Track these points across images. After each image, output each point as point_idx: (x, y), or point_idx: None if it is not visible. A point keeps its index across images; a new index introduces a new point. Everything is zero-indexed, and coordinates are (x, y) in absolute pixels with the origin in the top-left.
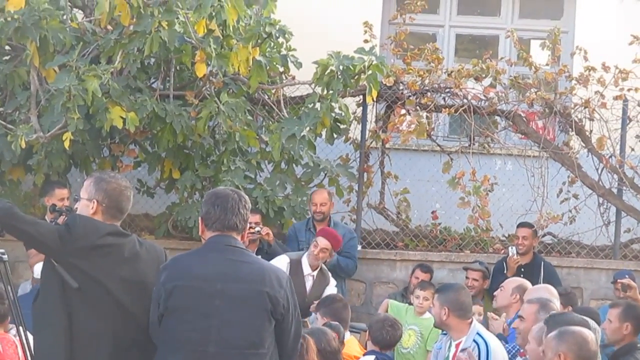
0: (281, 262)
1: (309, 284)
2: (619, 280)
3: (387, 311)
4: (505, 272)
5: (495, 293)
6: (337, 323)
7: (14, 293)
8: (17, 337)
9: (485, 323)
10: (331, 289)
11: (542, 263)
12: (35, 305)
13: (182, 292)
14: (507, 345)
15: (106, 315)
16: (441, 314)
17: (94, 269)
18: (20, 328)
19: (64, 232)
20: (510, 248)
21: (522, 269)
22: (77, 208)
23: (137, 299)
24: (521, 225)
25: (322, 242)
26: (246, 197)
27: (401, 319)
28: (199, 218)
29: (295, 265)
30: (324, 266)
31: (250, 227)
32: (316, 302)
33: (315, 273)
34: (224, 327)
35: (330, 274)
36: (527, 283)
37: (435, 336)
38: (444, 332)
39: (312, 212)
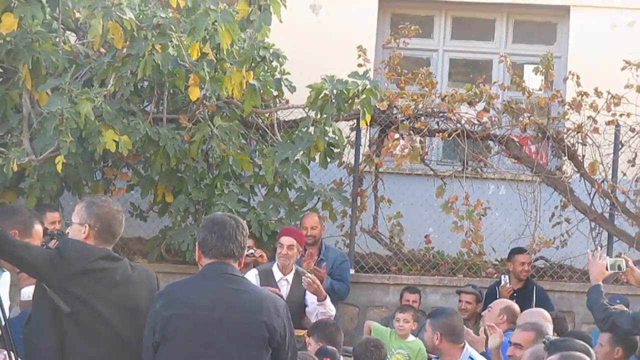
0: (250, 276)
1: (284, 289)
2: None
3: (370, 334)
4: (498, 298)
5: (482, 313)
6: (333, 348)
7: (6, 318)
8: None
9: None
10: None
11: (535, 288)
12: (26, 330)
13: (180, 322)
14: None
15: (98, 339)
16: (434, 339)
17: (85, 294)
18: (12, 353)
19: (55, 257)
20: (502, 277)
21: (515, 294)
22: (69, 232)
23: (130, 323)
24: (520, 251)
25: (286, 240)
26: (244, 223)
27: (386, 343)
28: (196, 244)
29: (265, 275)
30: (300, 268)
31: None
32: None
33: (289, 277)
34: (221, 357)
35: (305, 272)
36: (515, 305)
37: (423, 357)
38: (436, 357)
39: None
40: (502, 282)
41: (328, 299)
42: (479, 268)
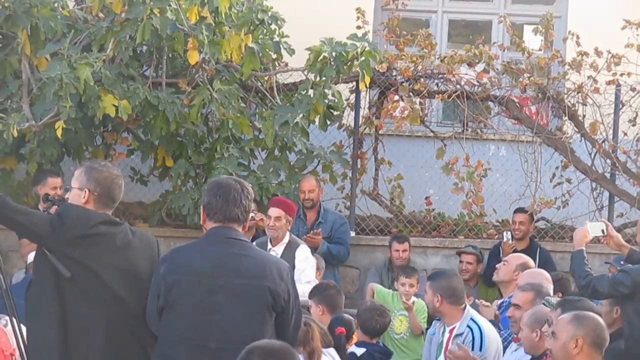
0: None
1: None
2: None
3: (373, 297)
4: (500, 257)
5: (497, 265)
6: (349, 317)
7: (6, 283)
8: (8, 327)
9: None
10: (301, 251)
11: (538, 249)
12: (27, 295)
13: (183, 287)
14: (501, 332)
15: (99, 304)
16: (434, 301)
17: (86, 258)
18: (14, 319)
19: (56, 222)
20: (504, 233)
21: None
22: (68, 197)
23: (131, 287)
24: (517, 210)
25: (272, 211)
26: (249, 187)
27: (389, 305)
28: (201, 207)
29: (261, 247)
30: (296, 239)
31: None
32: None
33: (278, 249)
34: (225, 323)
35: (300, 243)
36: (531, 262)
37: (423, 316)
38: (437, 317)
39: (301, 200)
40: (505, 239)
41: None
42: (480, 229)
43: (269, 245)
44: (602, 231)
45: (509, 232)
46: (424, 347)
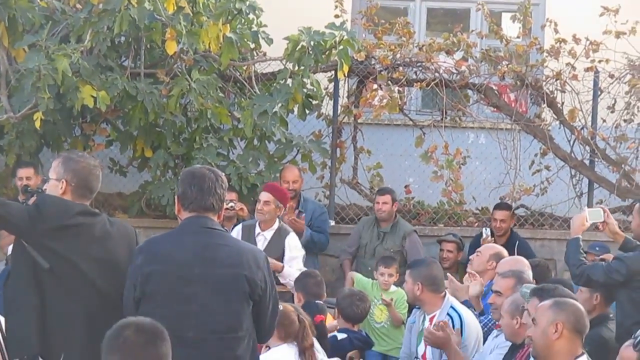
0: (236, 231)
1: (260, 244)
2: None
3: (352, 285)
4: None
5: (471, 257)
6: (321, 303)
7: None
8: None
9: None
10: (291, 240)
11: (517, 242)
12: (6, 287)
13: (160, 277)
14: (482, 319)
15: (79, 295)
16: (414, 290)
17: (64, 249)
18: None
19: (33, 213)
20: (484, 229)
21: None
22: (46, 189)
23: (110, 278)
24: (498, 207)
25: (262, 195)
26: (223, 176)
27: (369, 293)
28: (175, 197)
29: (248, 229)
30: (286, 226)
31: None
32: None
33: (268, 233)
34: (203, 313)
35: (290, 231)
36: (504, 251)
37: (404, 306)
38: (417, 306)
39: None
40: (484, 235)
41: (286, 270)
42: (460, 217)
43: (257, 230)
44: (601, 216)
45: (488, 229)
46: (404, 335)
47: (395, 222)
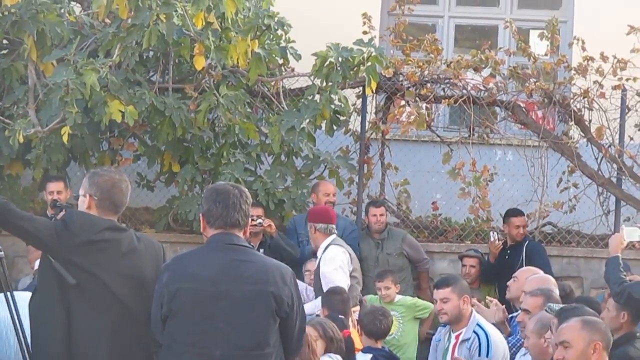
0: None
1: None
2: None
3: None
4: (489, 256)
5: (508, 283)
6: (342, 317)
7: (11, 291)
8: None
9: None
10: (328, 252)
11: (526, 244)
12: (32, 302)
13: (187, 295)
14: (510, 339)
15: (105, 311)
16: (460, 305)
17: (91, 265)
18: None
19: (60, 228)
20: (491, 233)
21: (508, 250)
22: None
23: (136, 294)
24: (515, 214)
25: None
26: (247, 191)
27: None
28: (200, 215)
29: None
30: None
31: (252, 220)
32: None
33: (319, 252)
34: (230, 329)
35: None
36: (539, 271)
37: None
38: (444, 324)
39: (323, 203)
40: (492, 239)
41: (311, 304)
42: (487, 234)
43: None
44: (639, 236)
45: (495, 233)
46: (429, 354)
47: (388, 229)
